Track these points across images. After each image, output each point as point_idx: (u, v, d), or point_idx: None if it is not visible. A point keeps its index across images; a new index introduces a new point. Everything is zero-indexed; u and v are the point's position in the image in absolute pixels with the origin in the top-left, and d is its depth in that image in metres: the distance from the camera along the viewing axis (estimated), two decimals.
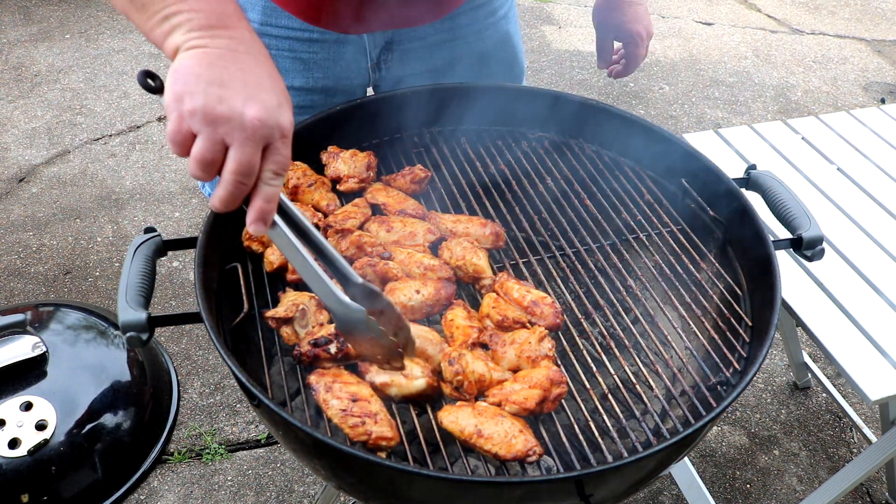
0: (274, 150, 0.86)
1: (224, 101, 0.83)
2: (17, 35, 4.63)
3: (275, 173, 0.87)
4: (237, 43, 0.89)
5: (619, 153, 1.48)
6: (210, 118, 0.82)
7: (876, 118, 2.37)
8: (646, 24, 1.74)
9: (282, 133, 0.86)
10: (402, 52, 1.54)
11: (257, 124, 0.83)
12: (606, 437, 1.04)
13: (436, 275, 1.21)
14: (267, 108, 0.85)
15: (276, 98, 0.87)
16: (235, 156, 0.83)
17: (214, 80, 0.84)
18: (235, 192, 0.85)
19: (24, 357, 2.17)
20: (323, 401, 1.04)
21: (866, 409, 2.59)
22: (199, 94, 0.83)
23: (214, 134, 0.83)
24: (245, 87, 0.85)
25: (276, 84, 0.89)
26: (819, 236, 1.21)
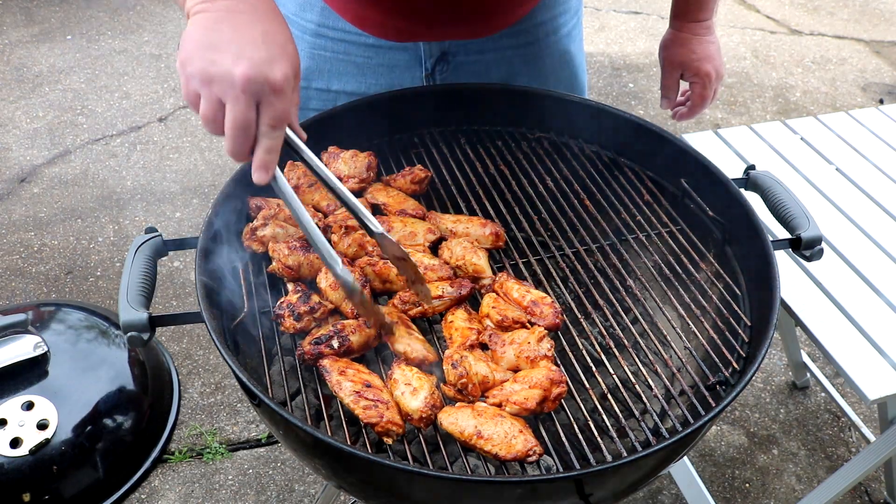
0: (267, 103, 0.91)
1: (216, 62, 0.89)
2: (19, 36, 4.64)
3: (270, 126, 0.93)
4: (237, 3, 0.94)
5: (619, 153, 1.48)
6: (206, 79, 0.90)
7: (875, 119, 2.37)
8: (716, 65, 1.61)
9: (272, 88, 0.91)
10: (458, 64, 1.51)
11: (244, 81, 0.88)
12: (606, 436, 1.05)
13: (436, 275, 1.21)
14: (255, 65, 0.89)
15: (268, 53, 0.91)
16: (229, 111, 0.90)
17: (210, 43, 0.91)
18: (237, 144, 0.92)
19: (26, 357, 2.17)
20: (336, 382, 1.04)
21: (865, 409, 2.59)
22: (197, 59, 0.90)
23: (211, 93, 0.90)
24: (237, 46, 0.90)
25: (271, 39, 0.93)
26: (818, 236, 1.21)
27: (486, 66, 1.53)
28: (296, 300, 1.13)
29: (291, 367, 1.19)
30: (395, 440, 1.03)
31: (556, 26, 1.56)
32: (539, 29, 1.53)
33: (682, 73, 1.66)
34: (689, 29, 1.62)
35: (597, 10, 5.25)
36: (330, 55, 1.49)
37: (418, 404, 1.03)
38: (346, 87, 1.52)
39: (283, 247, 1.20)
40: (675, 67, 1.66)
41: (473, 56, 1.51)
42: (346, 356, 1.10)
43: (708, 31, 1.62)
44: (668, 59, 1.67)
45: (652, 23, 5.08)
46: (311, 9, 1.46)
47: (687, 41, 1.62)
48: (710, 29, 1.62)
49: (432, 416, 1.04)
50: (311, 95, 1.54)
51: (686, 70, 1.64)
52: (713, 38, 1.62)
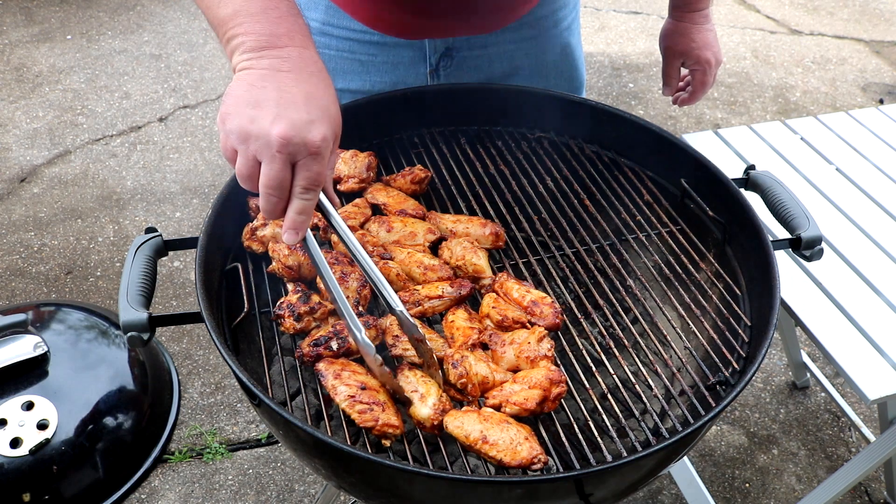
0: (303, 166, 0.91)
1: (255, 120, 0.89)
2: (19, 36, 4.64)
3: (304, 188, 0.92)
4: (282, 62, 0.94)
5: (619, 153, 1.48)
6: (243, 136, 0.90)
7: (874, 118, 2.37)
8: (715, 51, 1.68)
9: (309, 150, 0.90)
10: (462, 59, 1.52)
11: (282, 142, 0.88)
12: (606, 436, 1.05)
13: (436, 275, 1.21)
14: (294, 126, 0.89)
15: (308, 115, 0.90)
16: (264, 170, 0.90)
17: (251, 100, 0.90)
18: (270, 203, 0.93)
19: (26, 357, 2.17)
20: (331, 386, 1.04)
21: (865, 409, 2.59)
22: (237, 115, 0.90)
23: (247, 151, 0.90)
24: (277, 106, 0.89)
25: (314, 101, 0.92)
26: (818, 236, 1.21)
27: (488, 60, 1.54)
28: (296, 300, 1.13)
29: (291, 367, 1.19)
30: (394, 441, 1.03)
31: (557, 20, 1.57)
32: (541, 23, 1.54)
33: (683, 61, 1.71)
34: (689, 18, 1.67)
35: (597, 10, 5.25)
36: (334, 53, 1.49)
37: (428, 412, 1.03)
38: (351, 85, 1.52)
39: (283, 247, 1.20)
40: (676, 56, 1.71)
41: (477, 51, 1.52)
42: (346, 357, 1.10)
43: (706, 19, 1.67)
44: (669, 48, 1.72)
45: (652, 23, 5.08)
46: (316, 7, 1.46)
47: (686, 30, 1.67)
48: (708, 17, 1.68)
49: (438, 422, 1.04)
50: None
51: (687, 58, 1.70)
52: (711, 25, 1.68)
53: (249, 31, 0.94)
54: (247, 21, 0.95)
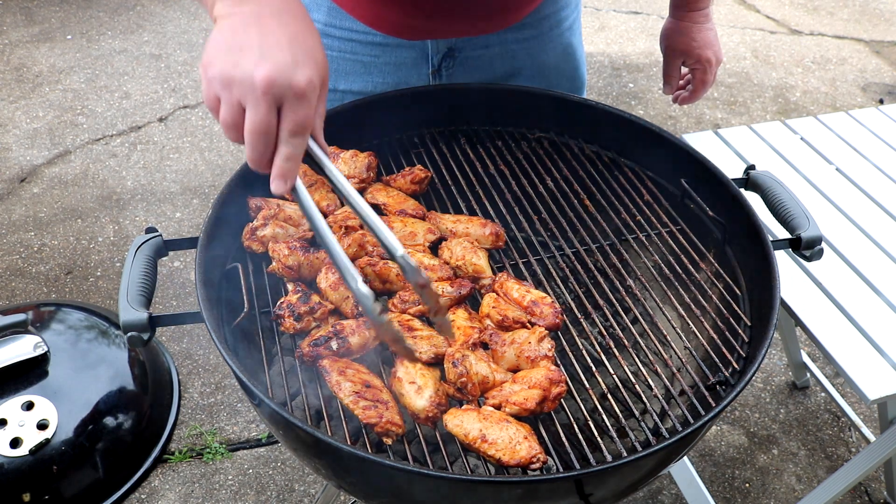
0: (289, 109, 0.88)
1: (238, 64, 0.86)
2: (19, 36, 4.64)
3: (291, 133, 0.89)
4: (264, 6, 0.91)
5: (619, 153, 1.48)
6: (226, 82, 0.87)
7: (874, 119, 2.37)
8: (715, 50, 1.69)
9: (294, 92, 0.87)
10: (464, 59, 1.52)
11: (267, 84, 0.85)
12: (606, 436, 1.05)
13: (436, 275, 1.21)
14: (278, 67, 0.86)
15: (293, 57, 0.88)
16: (249, 115, 0.87)
17: (234, 45, 0.88)
18: (256, 151, 0.89)
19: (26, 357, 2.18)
20: (336, 383, 1.04)
21: (865, 409, 2.59)
22: (219, 61, 0.87)
23: (231, 96, 0.87)
24: (260, 49, 0.87)
25: (298, 43, 0.90)
26: (818, 236, 1.21)
27: (490, 60, 1.54)
28: (296, 300, 1.13)
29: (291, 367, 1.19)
30: (395, 440, 1.03)
31: (559, 19, 1.57)
32: (543, 23, 1.55)
33: (684, 60, 1.72)
34: (689, 18, 1.67)
35: (597, 10, 5.25)
36: (337, 55, 1.49)
37: (424, 403, 1.03)
38: (353, 86, 1.52)
39: (283, 247, 1.20)
40: (676, 55, 1.72)
41: (479, 51, 1.52)
42: (346, 357, 1.10)
43: (706, 18, 1.68)
44: (670, 47, 1.72)
45: (652, 23, 5.08)
46: (318, 9, 1.46)
47: (687, 30, 1.67)
48: (709, 16, 1.68)
49: (438, 414, 1.04)
50: None
51: (687, 57, 1.70)
52: (711, 24, 1.69)
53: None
54: None
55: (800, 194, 1.59)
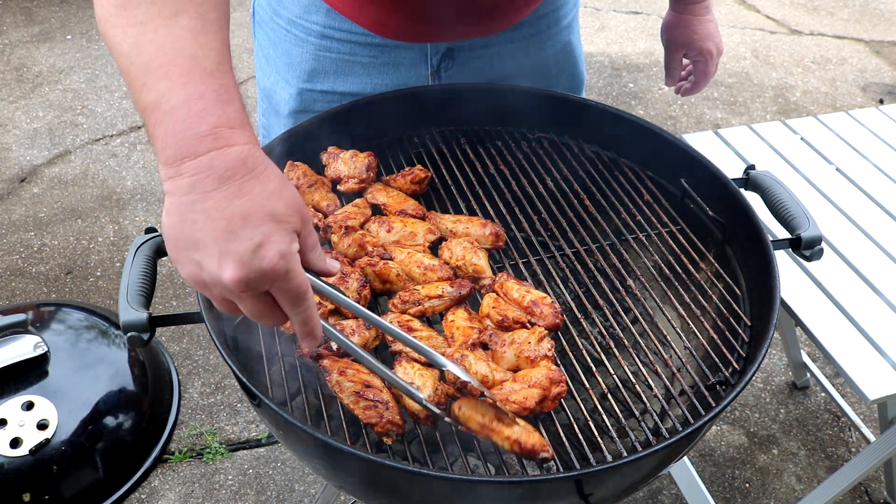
0: (276, 290, 0.81)
1: (202, 266, 0.78)
2: (19, 36, 4.64)
3: (291, 306, 0.82)
4: (204, 177, 0.78)
5: (619, 153, 1.48)
6: (201, 285, 0.81)
7: (874, 119, 2.37)
8: (717, 42, 1.69)
9: (272, 276, 0.78)
10: (463, 60, 1.52)
11: (240, 286, 0.78)
12: (606, 436, 1.05)
13: (436, 275, 1.21)
14: (243, 263, 0.77)
15: (254, 239, 0.77)
16: (243, 308, 0.82)
17: (188, 242, 0.79)
18: (269, 325, 0.86)
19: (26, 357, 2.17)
20: (336, 383, 1.04)
21: (865, 409, 2.59)
22: (183, 263, 0.80)
23: (214, 296, 0.82)
24: (216, 241, 0.77)
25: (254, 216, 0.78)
26: (818, 236, 1.21)
27: (490, 60, 1.54)
28: None
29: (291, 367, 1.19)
30: (395, 440, 1.03)
31: (558, 18, 1.57)
32: (541, 22, 1.54)
33: (685, 52, 1.72)
34: (690, 10, 1.68)
35: (597, 10, 5.25)
36: (335, 56, 1.49)
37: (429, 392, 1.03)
38: (352, 87, 1.52)
39: None
40: (678, 48, 1.73)
41: (478, 51, 1.52)
42: (345, 357, 1.10)
43: (707, 10, 1.69)
44: (672, 40, 1.73)
45: (652, 23, 5.08)
46: (317, 11, 1.46)
47: (688, 22, 1.68)
48: (709, 8, 1.69)
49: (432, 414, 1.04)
50: (315, 98, 1.54)
51: (689, 49, 1.71)
52: (711, 16, 1.69)
53: (168, 134, 0.79)
54: (165, 119, 0.80)
55: (800, 194, 1.59)
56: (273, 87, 1.59)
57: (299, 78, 1.52)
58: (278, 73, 1.56)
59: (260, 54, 1.62)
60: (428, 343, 1.11)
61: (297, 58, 1.51)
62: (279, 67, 1.56)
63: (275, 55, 1.56)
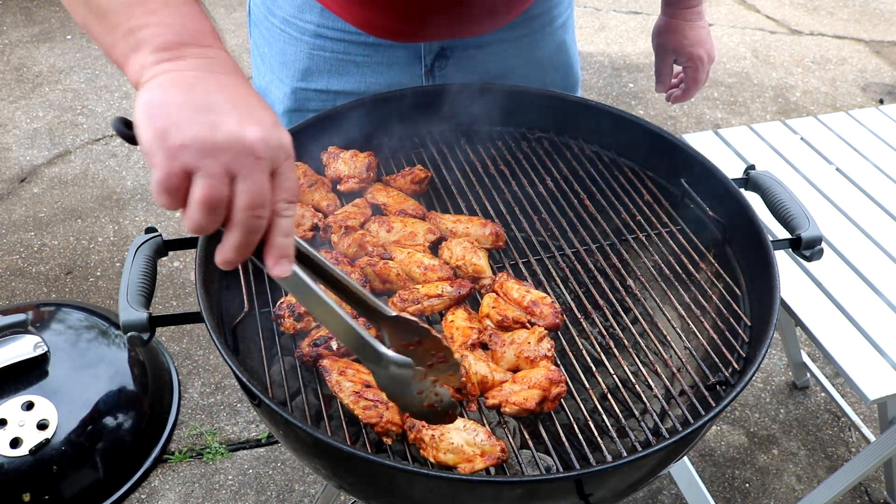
0: (281, 174, 0.74)
1: (218, 126, 0.70)
2: (19, 36, 4.64)
3: (287, 201, 0.74)
4: (212, 63, 0.76)
5: (619, 153, 1.48)
6: (208, 148, 0.69)
7: (874, 119, 2.37)
8: (708, 48, 1.67)
9: (286, 153, 0.74)
10: (457, 58, 1.52)
11: (262, 146, 0.71)
12: (606, 436, 1.05)
13: (436, 275, 1.21)
14: (266, 128, 0.72)
15: (271, 116, 0.75)
16: (246, 187, 0.71)
17: (201, 104, 0.71)
18: (252, 231, 0.72)
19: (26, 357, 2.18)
20: (336, 383, 1.04)
21: (865, 409, 2.59)
22: (188, 124, 0.69)
23: (217, 166, 0.70)
24: (236, 107, 0.73)
25: (264, 103, 0.78)
26: (818, 236, 1.21)
27: (483, 60, 1.54)
28: (296, 301, 1.13)
29: (291, 367, 1.19)
30: (395, 440, 1.03)
31: (552, 17, 1.57)
32: (535, 21, 1.54)
33: (676, 58, 1.70)
34: (681, 15, 1.66)
35: (597, 10, 5.25)
36: (329, 55, 1.49)
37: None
38: (346, 86, 1.52)
39: None
40: (668, 53, 1.71)
41: (472, 51, 1.52)
42: (345, 357, 1.10)
43: (699, 16, 1.67)
44: (662, 45, 1.71)
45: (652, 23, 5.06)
46: (311, 10, 1.46)
47: (679, 27, 1.66)
48: (701, 14, 1.67)
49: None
50: (310, 96, 1.54)
51: (679, 55, 1.69)
52: (703, 22, 1.67)
53: (165, 22, 0.76)
54: (161, 10, 0.76)
55: (800, 194, 1.59)
56: (268, 85, 1.59)
57: (293, 77, 1.53)
58: (273, 71, 1.57)
59: (255, 53, 1.63)
60: None
61: (291, 56, 1.51)
62: (274, 66, 1.56)
63: (269, 54, 1.56)
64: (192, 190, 0.70)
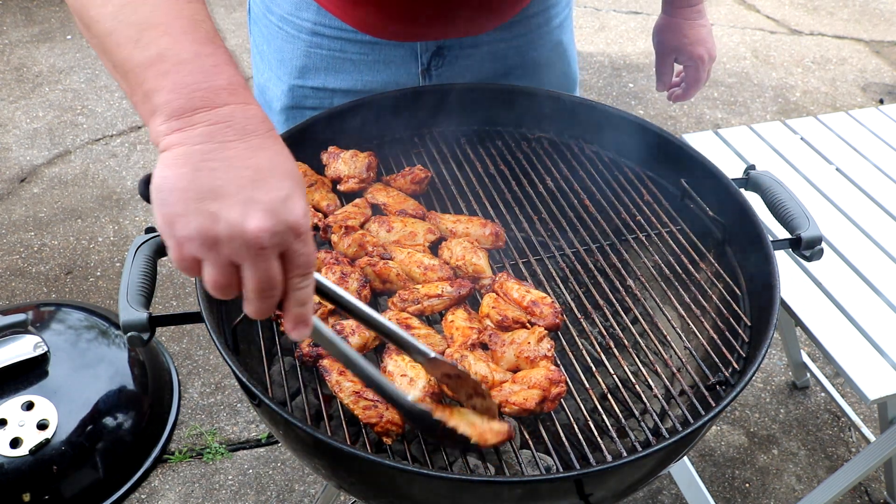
0: (293, 253, 0.73)
1: (219, 218, 0.69)
2: (19, 36, 4.64)
3: (301, 276, 0.75)
4: (224, 127, 0.73)
5: (619, 153, 1.48)
6: (209, 243, 0.70)
7: (874, 118, 2.37)
8: (709, 47, 1.66)
9: (296, 233, 0.72)
10: (454, 58, 1.52)
11: (266, 236, 0.70)
12: (606, 436, 1.05)
13: (436, 275, 1.21)
14: (271, 212, 0.70)
15: (282, 191, 0.72)
16: (252, 274, 0.72)
17: (204, 192, 0.70)
18: (265, 306, 0.75)
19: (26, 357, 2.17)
20: (336, 382, 1.04)
21: (865, 409, 2.59)
22: (191, 216, 0.70)
23: (220, 258, 0.71)
24: (241, 189, 0.70)
25: (280, 169, 0.74)
26: (818, 236, 1.21)
27: (480, 59, 1.54)
28: None
29: (291, 367, 1.19)
30: (395, 440, 1.03)
31: (549, 17, 1.57)
32: (532, 21, 1.54)
33: (677, 57, 1.70)
34: (682, 14, 1.65)
35: (597, 10, 5.25)
36: (326, 53, 1.49)
37: (418, 394, 1.03)
38: (342, 84, 1.52)
39: None
40: (668, 52, 1.70)
41: (468, 50, 1.52)
42: None
43: (699, 15, 1.65)
44: (662, 44, 1.70)
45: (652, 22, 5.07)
46: (308, 8, 1.46)
47: (679, 26, 1.65)
48: (702, 13, 1.66)
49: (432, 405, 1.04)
50: (306, 94, 1.54)
51: (680, 54, 1.68)
52: (704, 21, 1.66)
53: (179, 85, 0.73)
54: (174, 70, 0.73)
55: (800, 194, 1.59)
56: (266, 83, 1.60)
57: (291, 74, 1.53)
58: (271, 69, 1.57)
59: (255, 51, 1.63)
60: (425, 342, 1.11)
61: (288, 54, 1.52)
62: (272, 64, 1.56)
63: (268, 51, 1.56)
64: (202, 273, 0.73)
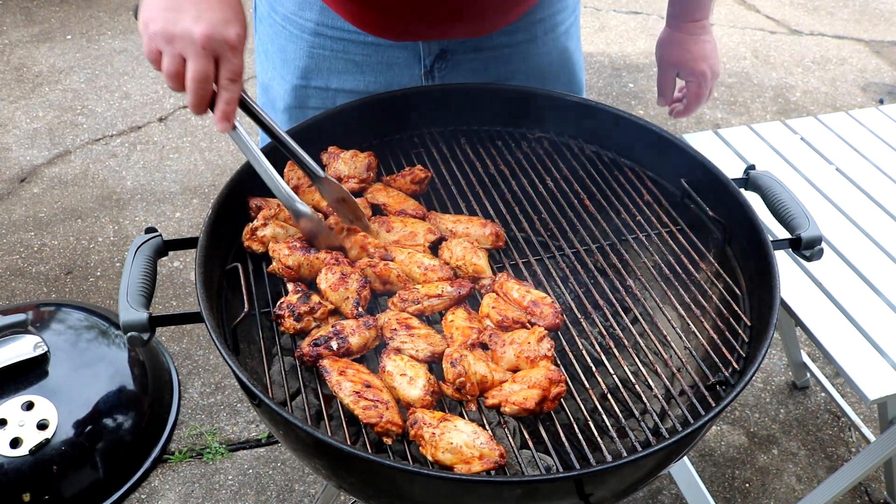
0: (225, 60, 1.04)
1: (177, 22, 1.01)
2: (19, 36, 4.64)
3: (229, 80, 1.05)
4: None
5: (619, 153, 1.48)
6: (168, 37, 1.02)
7: (874, 119, 2.37)
8: (711, 64, 1.62)
9: (230, 45, 1.03)
10: (456, 61, 1.51)
11: (205, 39, 1.01)
12: (606, 436, 1.05)
13: (436, 275, 1.21)
14: (213, 25, 1.02)
15: (224, 15, 1.03)
16: (191, 66, 1.02)
17: (171, 5, 1.03)
18: (197, 96, 1.04)
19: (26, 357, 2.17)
20: (336, 382, 1.05)
21: (865, 409, 2.59)
22: (160, 19, 1.02)
23: (173, 50, 1.02)
24: (196, 8, 1.02)
25: (226, 4, 1.05)
26: (818, 236, 1.21)
27: (484, 63, 1.53)
28: (296, 300, 1.13)
29: (291, 367, 1.19)
30: (395, 440, 1.03)
31: (555, 24, 1.56)
32: (537, 26, 1.53)
33: (679, 72, 1.67)
34: (685, 29, 1.63)
35: (597, 10, 5.25)
36: (329, 53, 1.49)
37: (419, 392, 1.03)
38: (345, 85, 1.52)
39: (283, 247, 1.20)
40: (671, 66, 1.67)
41: (472, 54, 1.51)
42: (345, 357, 1.10)
43: (704, 30, 1.62)
44: (665, 58, 1.68)
45: (652, 23, 5.08)
46: (311, 8, 1.46)
47: (683, 41, 1.63)
48: (706, 28, 1.63)
49: (433, 402, 1.04)
50: (309, 94, 1.54)
51: (682, 69, 1.65)
52: (709, 37, 1.63)
53: None
54: None
55: (800, 194, 1.59)
56: (270, 82, 1.60)
57: (294, 74, 1.53)
58: (275, 68, 1.57)
59: (259, 50, 1.63)
60: (425, 341, 1.11)
61: (291, 54, 1.52)
62: (276, 63, 1.56)
63: (272, 51, 1.56)
64: (161, 63, 1.04)
